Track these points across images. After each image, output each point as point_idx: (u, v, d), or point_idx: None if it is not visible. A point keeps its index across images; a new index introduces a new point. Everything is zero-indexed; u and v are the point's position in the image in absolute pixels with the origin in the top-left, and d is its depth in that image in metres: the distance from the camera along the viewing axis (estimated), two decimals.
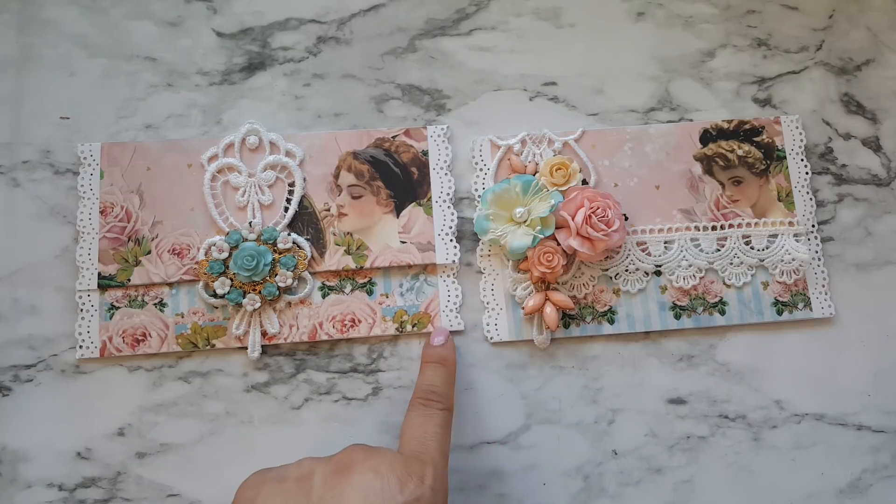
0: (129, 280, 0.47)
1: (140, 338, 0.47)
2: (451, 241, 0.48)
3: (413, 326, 0.47)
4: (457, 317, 0.48)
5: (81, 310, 0.47)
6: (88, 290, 0.47)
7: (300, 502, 0.33)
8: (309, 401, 0.47)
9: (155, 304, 0.47)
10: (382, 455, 0.36)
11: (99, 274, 0.47)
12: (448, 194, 0.49)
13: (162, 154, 0.49)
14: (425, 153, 0.50)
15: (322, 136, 0.50)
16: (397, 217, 0.49)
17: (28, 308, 0.47)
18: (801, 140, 0.51)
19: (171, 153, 0.49)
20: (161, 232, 0.48)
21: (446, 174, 0.49)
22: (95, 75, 0.50)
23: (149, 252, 0.47)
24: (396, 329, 0.47)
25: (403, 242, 0.48)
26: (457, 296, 0.48)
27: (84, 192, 0.48)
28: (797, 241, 0.49)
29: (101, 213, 0.48)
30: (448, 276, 0.48)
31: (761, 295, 0.49)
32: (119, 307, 0.47)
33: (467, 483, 0.46)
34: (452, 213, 0.49)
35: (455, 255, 0.48)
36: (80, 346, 0.46)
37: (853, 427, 0.48)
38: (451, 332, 0.47)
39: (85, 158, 0.48)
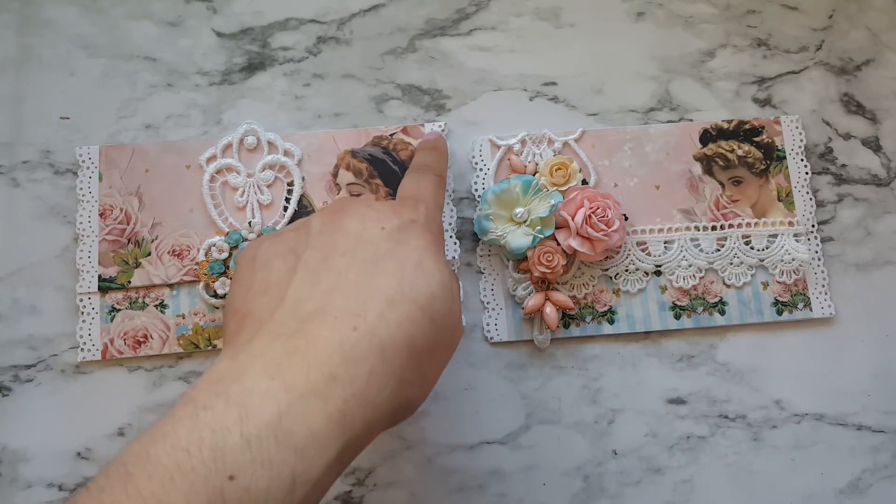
0: (129, 282, 0.47)
1: (141, 339, 0.47)
2: (451, 236, 0.48)
3: None
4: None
5: (82, 313, 0.47)
6: (89, 292, 0.47)
7: (300, 242, 0.34)
8: None
9: (156, 306, 0.47)
10: (375, 199, 0.39)
11: (99, 276, 0.47)
12: (446, 190, 0.49)
13: (160, 156, 0.49)
14: None
15: (320, 136, 0.50)
16: None
17: (28, 308, 0.47)
18: (801, 140, 0.51)
19: (170, 154, 0.49)
20: (161, 233, 0.48)
21: None
22: (95, 75, 0.50)
23: (149, 254, 0.47)
24: None
25: None
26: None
27: (83, 196, 0.48)
28: (797, 241, 0.49)
29: (101, 215, 0.48)
30: None
31: (761, 295, 0.49)
32: (120, 309, 0.47)
33: (467, 483, 0.46)
34: (452, 209, 0.49)
35: (455, 250, 0.48)
36: (82, 349, 0.46)
37: (853, 427, 0.48)
38: None
39: (83, 161, 0.48)
